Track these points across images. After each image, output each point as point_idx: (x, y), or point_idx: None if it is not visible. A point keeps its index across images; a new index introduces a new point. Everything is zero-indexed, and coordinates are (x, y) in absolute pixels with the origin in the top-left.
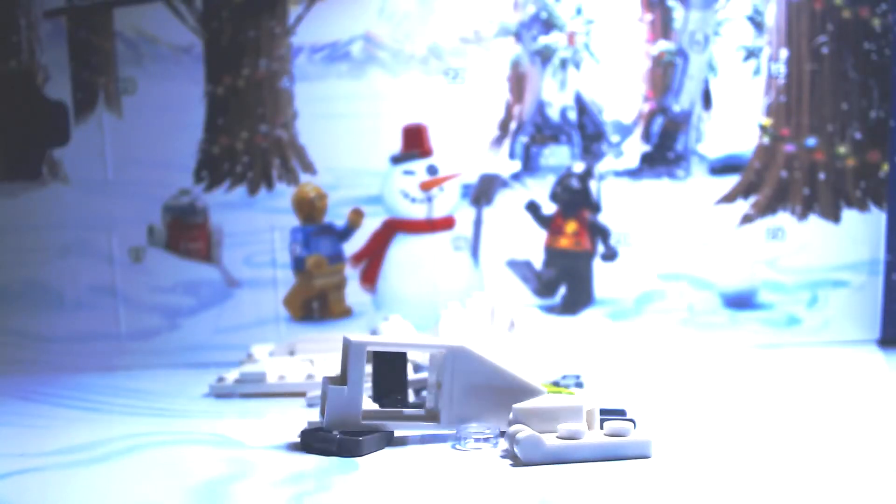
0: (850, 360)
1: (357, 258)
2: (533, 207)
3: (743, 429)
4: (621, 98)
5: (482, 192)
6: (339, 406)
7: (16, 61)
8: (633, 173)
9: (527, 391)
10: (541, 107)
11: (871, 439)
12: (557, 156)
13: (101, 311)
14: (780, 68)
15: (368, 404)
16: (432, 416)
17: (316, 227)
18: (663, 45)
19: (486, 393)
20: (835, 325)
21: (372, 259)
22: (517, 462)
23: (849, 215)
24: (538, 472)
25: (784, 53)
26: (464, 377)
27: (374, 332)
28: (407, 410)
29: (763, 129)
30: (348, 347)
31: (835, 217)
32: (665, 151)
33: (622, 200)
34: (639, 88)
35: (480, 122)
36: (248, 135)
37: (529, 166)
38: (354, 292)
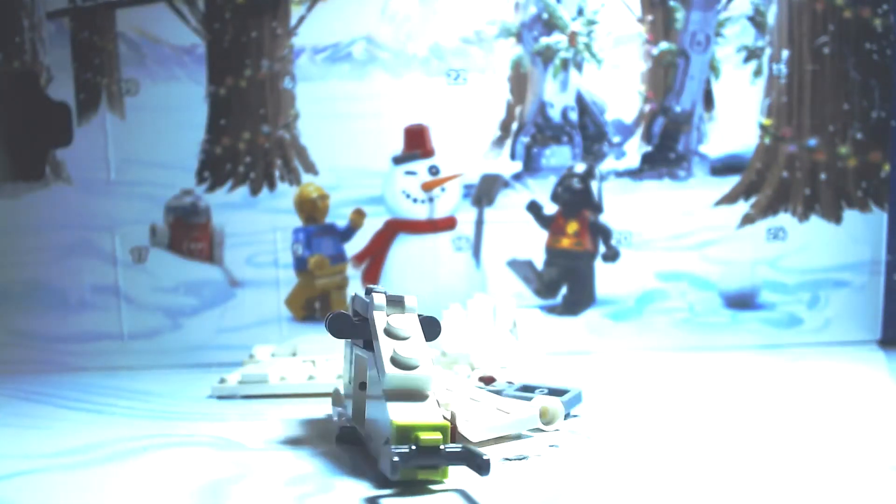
0: (851, 360)
1: (359, 258)
2: (534, 207)
3: (744, 429)
4: (622, 98)
5: (484, 192)
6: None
7: (19, 62)
8: (634, 173)
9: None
10: (542, 107)
11: (871, 440)
12: (559, 156)
13: (104, 312)
14: (782, 69)
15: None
16: None
17: (318, 228)
18: (664, 46)
19: (374, 417)
20: (836, 325)
21: (374, 259)
22: None
23: (850, 215)
24: (536, 474)
25: (785, 54)
26: (372, 391)
27: None
28: None
29: (764, 129)
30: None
31: (836, 217)
32: (666, 152)
33: (623, 201)
34: (640, 89)
35: (482, 123)
36: (251, 135)
37: (531, 167)
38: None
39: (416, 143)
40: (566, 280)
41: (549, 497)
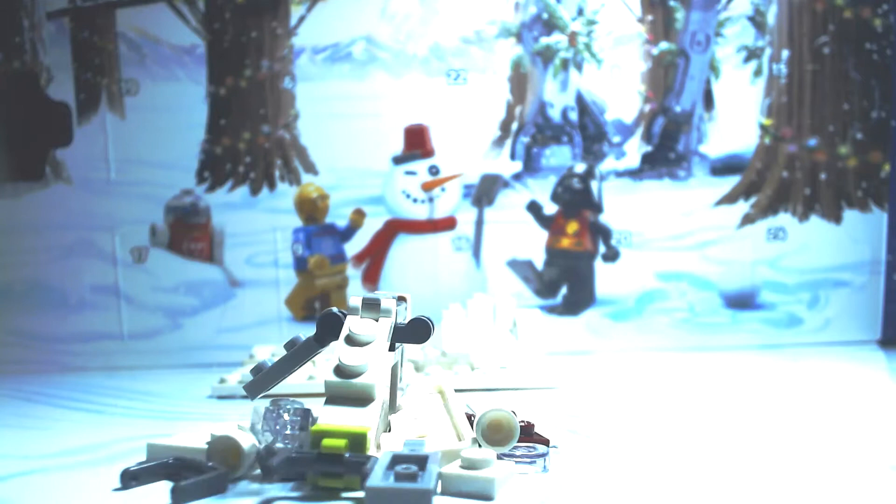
0: (851, 360)
1: (359, 258)
2: (534, 207)
3: (744, 429)
4: (622, 98)
5: (483, 192)
6: None
7: (19, 62)
8: (634, 173)
9: None
10: (542, 107)
11: (871, 440)
12: (559, 156)
13: (104, 312)
14: (782, 69)
15: None
16: None
17: (318, 228)
18: (664, 46)
19: None
20: (836, 325)
21: (374, 259)
22: None
23: (850, 215)
24: (535, 474)
25: (785, 54)
26: None
27: None
28: None
29: (764, 129)
30: None
31: (836, 217)
32: (666, 152)
33: (623, 201)
34: (640, 89)
35: (482, 123)
36: (251, 135)
37: (531, 167)
38: (356, 292)
39: (416, 143)
40: (566, 280)
41: (549, 497)
